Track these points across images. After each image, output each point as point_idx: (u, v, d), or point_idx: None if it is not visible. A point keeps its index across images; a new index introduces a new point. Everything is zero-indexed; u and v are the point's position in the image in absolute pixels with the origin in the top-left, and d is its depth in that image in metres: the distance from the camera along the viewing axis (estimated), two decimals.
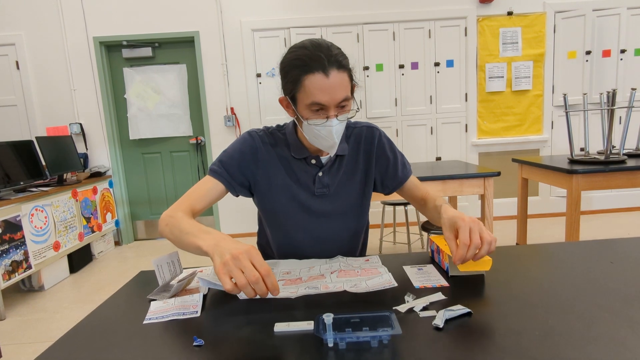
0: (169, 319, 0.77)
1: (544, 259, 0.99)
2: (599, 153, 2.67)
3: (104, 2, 3.82)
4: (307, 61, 0.91)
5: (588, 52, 3.88)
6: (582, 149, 2.70)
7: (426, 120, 4.05)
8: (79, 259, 3.45)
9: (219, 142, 4.02)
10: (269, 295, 0.71)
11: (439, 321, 0.69)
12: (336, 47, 0.96)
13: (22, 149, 3.02)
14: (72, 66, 3.88)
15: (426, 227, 2.65)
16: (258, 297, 0.71)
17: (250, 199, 1.15)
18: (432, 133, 4.08)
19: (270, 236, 1.15)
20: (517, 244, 3.17)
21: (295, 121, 1.06)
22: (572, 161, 2.58)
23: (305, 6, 3.86)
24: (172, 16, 3.85)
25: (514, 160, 3.06)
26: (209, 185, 1.03)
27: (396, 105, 4.01)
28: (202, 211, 1.01)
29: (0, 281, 2.50)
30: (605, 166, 2.36)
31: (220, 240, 0.76)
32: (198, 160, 4.17)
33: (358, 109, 1.02)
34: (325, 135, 0.97)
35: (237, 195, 1.09)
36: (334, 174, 1.10)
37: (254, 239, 1.32)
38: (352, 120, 1.14)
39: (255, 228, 1.37)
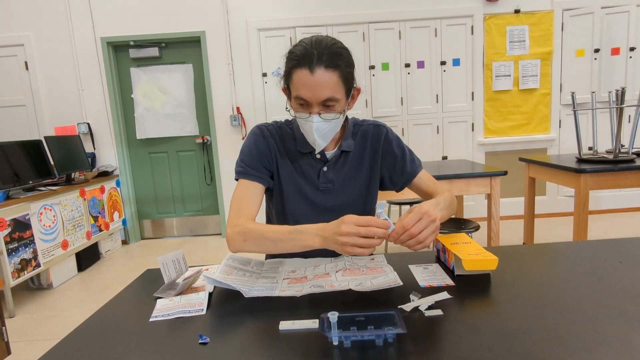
0: (175, 316, 0.78)
1: (550, 259, 0.99)
2: (607, 152, 2.64)
3: (112, 3, 3.85)
4: (299, 56, 0.94)
5: (597, 50, 3.84)
6: (590, 148, 2.68)
7: (432, 119, 4.04)
8: (87, 258, 3.48)
9: (225, 141, 4.03)
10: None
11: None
12: (339, 46, 0.96)
13: (31, 148, 3.05)
14: (79, 66, 3.92)
15: None
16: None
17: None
18: (438, 132, 4.06)
19: None
20: (524, 243, 3.14)
21: None
22: (580, 160, 2.55)
23: (311, 5, 3.86)
24: (178, 16, 3.87)
25: (521, 159, 3.03)
26: (249, 188, 1.05)
27: (402, 104, 3.99)
28: (256, 215, 1.04)
29: (9, 279, 2.53)
30: (614, 165, 2.33)
31: (322, 231, 0.85)
32: (204, 160, 4.19)
33: (344, 111, 1.01)
34: (307, 131, 1.00)
35: (270, 186, 1.12)
36: (339, 170, 1.11)
37: None
38: (361, 119, 1.16)
39: None
